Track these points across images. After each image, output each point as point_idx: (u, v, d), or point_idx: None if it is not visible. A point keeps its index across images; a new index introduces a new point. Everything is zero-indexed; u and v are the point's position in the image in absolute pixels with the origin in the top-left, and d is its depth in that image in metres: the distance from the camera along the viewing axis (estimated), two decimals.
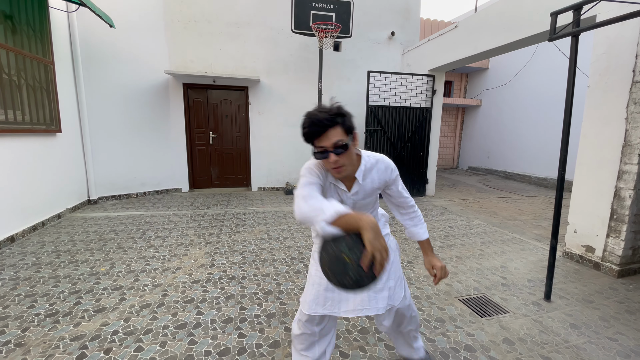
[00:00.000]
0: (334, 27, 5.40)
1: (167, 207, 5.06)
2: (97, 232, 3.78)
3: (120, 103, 5.36)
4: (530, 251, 3.50)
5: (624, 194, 2.81)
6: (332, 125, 1.07)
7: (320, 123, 1.06)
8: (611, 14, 2.78)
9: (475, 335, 2.01)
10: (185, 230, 3.93)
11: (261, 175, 6.67)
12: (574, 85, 2.29)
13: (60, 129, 4.32)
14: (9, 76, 3.44)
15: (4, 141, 3.38)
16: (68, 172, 4.60)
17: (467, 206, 5.62)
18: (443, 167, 11.46)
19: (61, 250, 3.23)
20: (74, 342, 1.87)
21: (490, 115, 10.04)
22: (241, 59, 6.14)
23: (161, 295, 2.42)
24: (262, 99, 6.37)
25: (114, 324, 2.04)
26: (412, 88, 6.09)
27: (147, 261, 3.02)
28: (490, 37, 4.51)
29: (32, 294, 2.39)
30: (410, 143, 6.22)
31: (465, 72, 10.98)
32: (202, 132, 6.31)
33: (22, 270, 2.77)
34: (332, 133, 1.08)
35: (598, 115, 3.00)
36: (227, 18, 5.97)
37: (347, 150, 1.12)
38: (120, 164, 5.50)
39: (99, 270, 2.80)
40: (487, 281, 2.76)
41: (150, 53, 5.56)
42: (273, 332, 2.01)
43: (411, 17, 6.93)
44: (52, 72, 4.17)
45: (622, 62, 2.79)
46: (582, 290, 2.64)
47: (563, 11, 2.35)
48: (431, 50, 5.97)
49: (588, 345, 1.94)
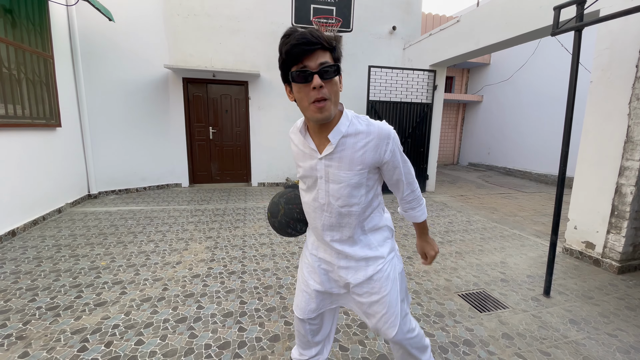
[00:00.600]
0: (335, 21, 5.36)
1: (167, 202, 5.06)
2: (97, 227, 3.79)
3: (119, 97, 5.34)
4: (530, 247, 3.50)
5: (625, 191, 2.80)
6: (323, 48, 0.89)
7: (309, 41, 0.86)
8: (615, 8, 2.75)
9: (475, 330, 2.02)
10: (185, 225, 3.94)
11: (261, 170, 6.66)
12: (576, 80, 2.27)
13: (60, 124, 4.31)
14: (8, 70, 3.42)
15: (4, 135, 3.38)
16: (68, 166, 4.60)
17: (467, 202, 5.62)
18: (443, 163, 11.44)
19: (62, 244, 3.24)
20: (75, 335, 1.88)
21: (491, 111, 10.00)
22: (241, 54, 6.10)
23: (162, 289, 2.43)
24: (262, 94, 6.35)
25: (115, 318, 2.05)
26: (413, 83, 6.06)
27: (148, 255, 3.03)
28: (493, 31, 4.47)
29: (33, 287, 2.40)
30: (410, 139, 6.20)
31: (466, 68, 10.92)
32: (202, 127, 6.29)
33: (23, 264, 2.78)
34: (321, 54, 0.89)
35: (600, 111, 2.99)
36: (227, 12, 5.93)
37: (335, 77, 0.92)
38: (120, 158, 5.50)
39: (99, 265, 2.81)
40: (486, 277, 2.77)
41: (149, 47, 5.53)
42: (273, 326, 2.02)
43: (412, 12, 6.87)
44: (51, 66, 4.15)
45: (625, 58, 2.76)
46: (582, 286, 2.64)
47: (566, 5, 2.32)
48: (432, 45, 5.92)
49: (587, 341, 1.95)
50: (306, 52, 0.87)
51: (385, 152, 1.00)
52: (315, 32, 0.88)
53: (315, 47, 0.87)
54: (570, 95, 2.28)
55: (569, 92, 2.29)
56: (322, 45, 0.88)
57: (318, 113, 0.92)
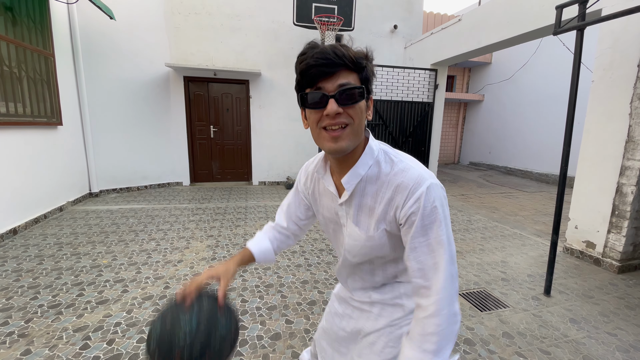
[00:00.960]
0: (336, 20, 5.35)
1: (168, 201, 5.07)
2: (99, 225, 3.80)
3: (120, 96, 5.34)
4: (530, 246, 3.50)
5: (626, 190, 2.80)
6: (348, 68, 0.67)
7: (330, 61, 0.65)
8: (617, 7, 2.75)
9: (475, 329, 2.03)
10: (186, 224, 3.95)
11: (262, 169, 6.66)
12: (578, 80, 2.27)
13: (61, 122, 4.32)
14: (9, 68, 3.42)
15: (5, 134, 3.38)
16: (69, 165, 4.60)
17: (468, 201, 5.62)
18: (444, 162, 11.44)
19: (63, 242, 3.25)
20: (77, 333, 1.89)
21: (492, 111, 9.99)
22: (242, 52, 6.09)
23: (163, 287, 2.43)
24: (263, 93, 6.34)
25: (117, 316, 2.06)
26: (414, 82, 6.05)
27: (149, 254, 3.03)
28: (494, 30, 4.46)
29: (35, 285, 2.41)
30: (411, 138, 6.20)
31: (467, 67, 10.90)
32: (202, 125, 6.29)
33: (24, 262, 2.79)
34: (344, 75, 0.67)
35: (602, 110, 2.98)
36: (228, 10, 5.92)
37: (358, 103, 0.68)
38: (121, 157, 5.50)
39: (101, 263, 2.81)
40: (487, 276, 2.77)
41: (150, 45, 5.53)
42: (274, 324, 2.03)
43: (414, 10, 6.86)
44: (52, 65, 4.15)
45: (627, 57, 2.76)
46: (582, 285, 2.65)
47: (568, 4, 2.32)
48: (434, 44, 5.91)
49: (587, 340, 1.95)
50: (325, 74, 0.66)
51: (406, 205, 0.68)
52: (340, 50, 0.67)
53: (336, 68, 0.66)
54: (572, 94, 2.28)
55: (571, 92, 2.29)
56: (346, 66, 0.67)
57: (332, 143, 0.68)
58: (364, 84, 0.70)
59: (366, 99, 0.71)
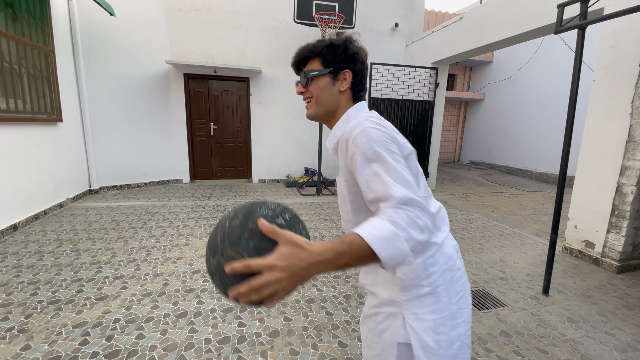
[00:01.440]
0: (337, 17, 5.33)
1: (168, 198, 5.08)
2: (98, 222, 3.80)
3: (120, 93, 5.34)
4: (529, 246, 3.50)
5: (626, 190, 2.80)
6: (311, 56, 0.90)
7: (297, 54, 0.93)
8: (619, 6, 2.74)
9: (473, 328, 2.03)
10: (186, 221, 3.95)
11: (262, 167, 6.66)
12: (579, 79, 2.26)
13: (61, 118, 4.31)
14: (9, 64, 3.42)
15: (5, 130, 3.38)
16: (69, 161, 4.61)
17: (467, 200, 5.62)
18: (444, 161, 11.43)
19: (63, 239, 3.26)
20: (76, 329, 1.90)
21: (493, 110, 9.97)
22: (242, 50, 6.08)
23: (162, 284, 2.44)
24: (264, 90, 6.33)
25: (116, 312, 2.07)
26: (415, 81, 6.04)
27: (149, 251, 3.04)
28: (496, 29, 4.45)
29: (34, 281, 2.41)
30: (412, 136, 6.19)
31: (468, 66, 10.87)
32: (202, 123, 6.29)
33: (24, 258, 2.80)
34: (312, 62, 0.91)
35: (602, 110, 2.98)
36: (229, 7, 5.90)
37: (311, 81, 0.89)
38: (122, 154, 5.50)
39: (100, 259, 2.82)
40: (485, 275, 2.78)
41: (151, 42, 5.52)
42: (272, 321, 2.04)
43: (415, 9, 6.83)
44: (52, 61, 4.14)
45: (629, 56, 2.75)
46: (581, 285, 2.65)
47: (570, 3, 2.31)
48: (435, 42, 5.89)
49: (585, 340, 1.95)
50: (297, 64, 0.94)
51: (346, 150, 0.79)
52: (308, 44, 0.91)
53: (300, 59, 0.92)
54: (573, 93, 2.28)
55: (572, 91, 2.28)
56: (308, 56, 0.91)
57: (306, 112, 0.95)
58: (329, 65, 0.88)
59: (333, 76, 0.89)
